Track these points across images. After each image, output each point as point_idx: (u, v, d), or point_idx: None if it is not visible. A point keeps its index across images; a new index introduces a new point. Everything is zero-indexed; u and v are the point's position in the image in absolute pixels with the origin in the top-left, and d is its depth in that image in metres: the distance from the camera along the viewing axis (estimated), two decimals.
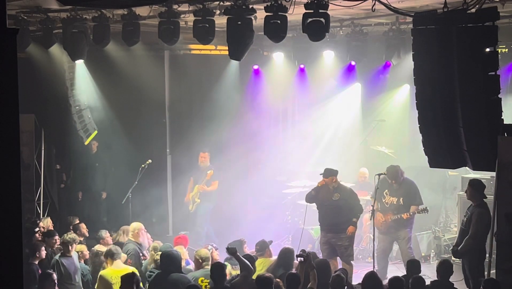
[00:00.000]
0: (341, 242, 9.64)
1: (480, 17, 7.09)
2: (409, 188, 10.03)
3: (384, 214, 10.00)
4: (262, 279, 7.00)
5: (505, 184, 7.34)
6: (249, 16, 8.29)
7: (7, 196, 3.77)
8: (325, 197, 9.73)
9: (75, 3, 8.65)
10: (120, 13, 9.52)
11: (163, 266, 7.87)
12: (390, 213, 9.98)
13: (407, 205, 9.94)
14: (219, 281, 7.30)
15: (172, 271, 7.73)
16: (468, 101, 7.32)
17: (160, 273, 7.88)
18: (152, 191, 12.37)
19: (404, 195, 9.95)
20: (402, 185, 10.01)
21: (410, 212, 9.89)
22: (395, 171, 9.97)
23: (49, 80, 12.63)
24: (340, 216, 9.62)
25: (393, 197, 10.01)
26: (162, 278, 7.76)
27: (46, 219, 10.46)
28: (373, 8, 7.66)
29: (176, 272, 7.75)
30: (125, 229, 9.56)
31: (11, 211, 3.79)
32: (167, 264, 7.80)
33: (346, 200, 9.65)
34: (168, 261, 7.81)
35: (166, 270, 7.79)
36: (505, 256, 7.39)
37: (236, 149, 13.12)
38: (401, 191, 10.00)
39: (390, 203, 10.02)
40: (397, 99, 13.12)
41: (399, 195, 9.97)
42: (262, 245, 8.87)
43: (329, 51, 12.12)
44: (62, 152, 13.07)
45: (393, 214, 9.94)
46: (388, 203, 10.03)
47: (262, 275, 7.14)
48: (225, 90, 13.20)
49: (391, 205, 10.01)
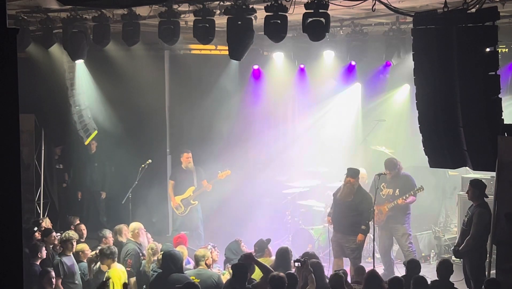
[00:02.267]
0: (348, 243, 9.70)
1: (480, 17, 7.09)
2: (406, 180, 10.23)
3: (380, 206, 10.12)
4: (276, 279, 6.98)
5: (505, 183, 7.34)
6: (249, 16, 8.29)
7: (7, 196, 3.77)
8: (343, 196, 9.81)
9: (75, 3, 8.67)
10: (120, 13, 9.52)
11: (164, 266, 7.86)
12: (386, 202, 10.16)
13: (402, 195, 10.11)
14: (241, 281, 7.28)
15: (174, 271, 7.73)
16: (468, 101, 7.32)
17: (161, 273, 7.88)
18: (152, 191, 12.36)
19: (400, 187, 10.16)
20: (400, 177, 10.22)
21: (404, 197, 10.01)
22: (391, 162, 10.27)
23: (49, 80, 12.64)
24: (349, 217, 9.69)
25: (390, 189, 10.25)
26: (163, 278, 7.76)
27: (45, 219, 10.46)
28: (373, 8, 7.66)
29: (177, 272, 7.75)
30: (118, 229, 9.49)
31: (11, 211, 3.79)
32: (169, 264, 7.79)
33: (358, 204, 9.68)
34: (169, 261, 7.81)
35: (167, 270, 7.78)
36: (505, 256, 7.39)
37: (236, 148, 13.12)
38: (397, 182, 10.19)
39: (387, 194, 10.25)
40: (397, 99, 13.12)
41: (395, 186, 10.19)
42: (260, 245, 8.86)
43: (329, 51, 12.12)
44: (62, 152, 13.07)
45: (388, 202, 10.13)
46: (385, 195, 10.25)
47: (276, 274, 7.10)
48: (225, 90, 13.20)
49: (387, 196, 10.23)
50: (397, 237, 10.29)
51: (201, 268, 8.18)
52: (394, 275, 7.49)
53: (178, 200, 11.64)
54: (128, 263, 8.66)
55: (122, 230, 9.40)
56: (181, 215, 11.63)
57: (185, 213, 11.60)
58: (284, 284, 6.89)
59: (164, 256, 7.94)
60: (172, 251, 8.12)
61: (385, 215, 10.18)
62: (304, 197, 12.35)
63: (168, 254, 7.94)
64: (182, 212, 11.60)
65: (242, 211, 12.47)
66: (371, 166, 12.06)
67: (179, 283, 7.48)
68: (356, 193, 9.71)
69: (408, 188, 10.12)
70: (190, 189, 11.57)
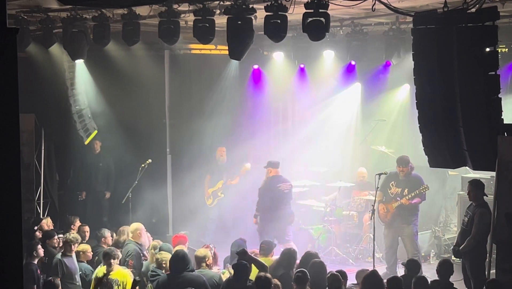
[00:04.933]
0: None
1: (480, 17, 7.09)
2: (415, 181, 10.28)
3: (388, 204, 10.27)
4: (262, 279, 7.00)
5: (505, 183, 7.34)
6: (249, 16, 8.29)
7: (7, 195, 3.77)
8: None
9: (75, 3, 8.67)
10: (120, 12, 9.53)
11: (176, 266, 7.78)
12: (393, 201, 10.25)
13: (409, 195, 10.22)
14: (242, 280, 7.28)
15: (186, 271, 7.70)
16: (468, 101, 7.32)
17: (172, 273, 7.79)
18: (152, 191, 12.36)
19: (408, 186, 10.21)
20: (409, 177, 10.28)
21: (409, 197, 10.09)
22: (404, 159, 10.33)
23: (49, 80, 12.62)
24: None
25: (398, 188, 10.31)
26: (176, 279, 7.69)
27: (46, 219, 10.47)
28: (373, 8, 7.66)
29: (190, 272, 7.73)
30: (125, 229, 9.52)
31: (11, 211, 3.78)
32: (181, 264, 7.74)
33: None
34: (182, 261, 7.76)
35: (179, 270, 7.72)
36: (505, 256, 7.39)
37: (236, 148, 13.12)
38: (406, 182, 10.26)
39: (395, 193, 10.32)
40: (397, 99, 13.11)
41: (404, 186, 10.25)
42: (269, 245, 8.85)
43: (329, 51, 12.12)
44: (62, 152, 13.06)
45: (395, 201, 10.22)
46: (393, 193, 10.34)
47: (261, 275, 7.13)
48: (225, 90, 13.19)
49: (395, 194, 10.31)
50: (402, 236, 10.32)
51: (202, 268, 8.16)
52: (393, 275, 7.46)
53: (210, 191, 12.23)
54: (129, 263, 8.66)
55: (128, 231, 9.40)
56: (210, 206, 12.21)
57: (213, 204, 12.18)
58: (270, 284, 6.92)
59: (175, 256, 7.90)
60: (183, 251, 8.09)
61: (391, 213, 10.27)
62: (304, 197, 12.34)
63: (181, 254, 7.90)
64: (210, 203, 12.18)
65: (241, 211, 12.46)
66: (371, 166, 12.08)
67: (193, 282, 7.47)
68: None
69: (416, 188, 10.17)
70: (220, 182, 12.18)
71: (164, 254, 8.33)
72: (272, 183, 10.84)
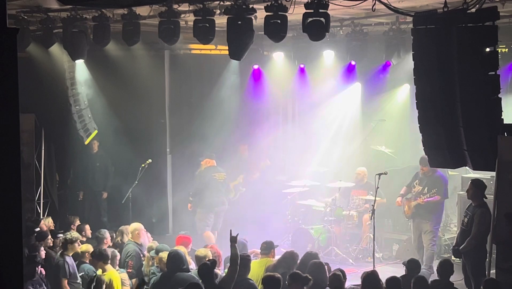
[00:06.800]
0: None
1: (480, 17, 7.09)
2: (437, 179, 10.53)
3: (409, 201, 10.65)
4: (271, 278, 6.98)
5: (505, 183, 7.35)
6: (249, 16, 8.29)
7: (7, 195, 3.77)
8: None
9: (75, 3, 8.66)
10: (120, 12, 9.53)
11: (170, 265, 7.80)
12: (413, 199, 10.61)
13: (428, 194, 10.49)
14: (208, 280, 7.26)
15: (179, 271, 7.70)
16: (468, 101, 7.33)
17: (167, 272, 7.82)
18: (152, 191, 12.35)
19: (429, 185, 10.47)
20: (432, 176, 10.51)
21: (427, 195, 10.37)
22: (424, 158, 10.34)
23: (49, 79, 12.62)
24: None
25: (420, 186, 10.57)
26: (169, 278, 7.71)
27: (48, 219, 10.46)
28: (373, 8, 7.66)
29: (183, 272, 7.73)
30: (124, 230, 9.51)
31: (11, 210, 3.79)
32: (175, 263, 7.75)
33: None
34: (175, 261, 7.77)
35: (173, 269, 7.73)
36: (505, 256, 7.40)
37: (236, 148, 13.12)
38: (428, 180, 10.53)
39: (417, 191, 10.60)
40: (397, 99, 13.10)
41: (425, 184, 10.53)
42: (269, 245, 8.83)
43: (329, 51, 12.12)
44: (62, 152, 13.06)
45: (414, 200, 10.56)
46: (415, 192, 10.61)
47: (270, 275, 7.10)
48: (225, 90, 13.19)
49: (417, 193, 10.59)
50: (422, 232, 10.61)
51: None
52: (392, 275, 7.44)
53: (232, 185, 12.42)
54: (129, 264, 8.65)
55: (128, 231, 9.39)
56: (232, 199, 12.38)
57: (235, 197, 12.48)
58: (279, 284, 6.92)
59: (169, 255, 7.91)
60: (177, 250, 8.08)
61: (411, 210, 10.63)
62: (304, 197, 12.35)
63: (174, 253, 7.90)
64: (233, 196, 12.45)
65: (241, 211, 12.46)
66: (371, 166, 12.07)
67: (185, 282, 7.46)
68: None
69: (435, 187, 10.43)
70: (241, 176, 12.55)
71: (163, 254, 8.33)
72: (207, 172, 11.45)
